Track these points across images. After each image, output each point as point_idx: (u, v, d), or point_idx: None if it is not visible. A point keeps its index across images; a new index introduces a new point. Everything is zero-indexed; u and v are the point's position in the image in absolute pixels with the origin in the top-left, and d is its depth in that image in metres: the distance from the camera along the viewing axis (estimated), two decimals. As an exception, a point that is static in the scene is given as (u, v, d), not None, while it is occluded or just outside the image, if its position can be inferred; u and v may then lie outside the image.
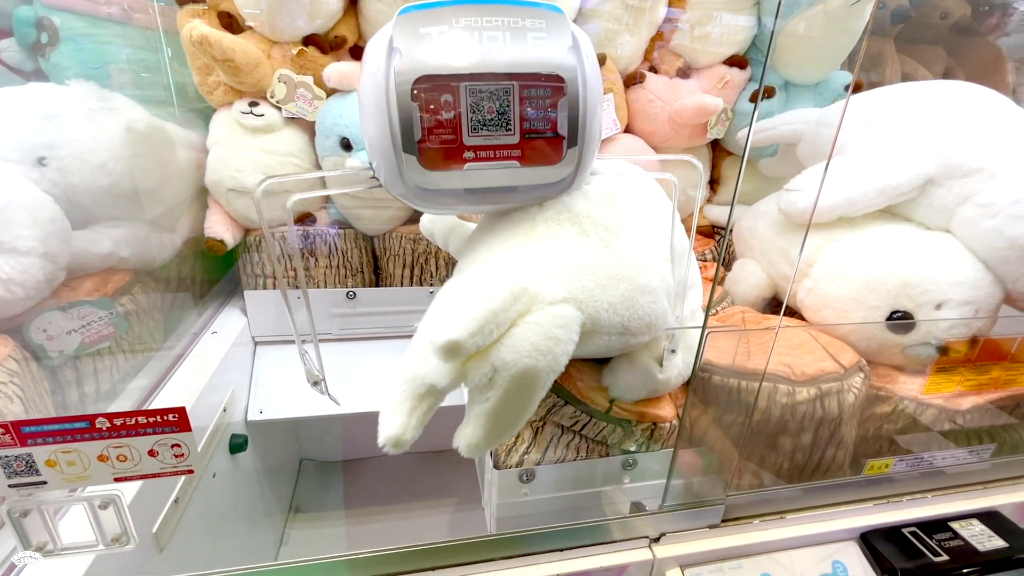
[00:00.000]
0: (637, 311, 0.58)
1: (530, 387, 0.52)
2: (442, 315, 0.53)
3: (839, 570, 0.69)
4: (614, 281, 0.57)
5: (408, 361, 0.56)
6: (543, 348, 0.51)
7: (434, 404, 0.55)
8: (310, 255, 1.21)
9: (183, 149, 1.13)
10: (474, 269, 0.59)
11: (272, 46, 1.08)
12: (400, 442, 0.53)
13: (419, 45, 0.49)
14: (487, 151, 0.52)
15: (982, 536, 0.73)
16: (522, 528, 0.64)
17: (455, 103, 0.50)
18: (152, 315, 1.00)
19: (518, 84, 0.50)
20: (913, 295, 0.81)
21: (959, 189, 0.84)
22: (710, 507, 0.68)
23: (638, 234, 0.60)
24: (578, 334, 0.55)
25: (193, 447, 0.47)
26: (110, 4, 1.06)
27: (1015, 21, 1.62)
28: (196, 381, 0.98)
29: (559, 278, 0.55)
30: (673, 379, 0.71)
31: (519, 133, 0.52)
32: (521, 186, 0.55)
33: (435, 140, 0.51)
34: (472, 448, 0.54)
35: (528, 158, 0.53)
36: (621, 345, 0.62)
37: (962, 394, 0.79)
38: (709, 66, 1.31)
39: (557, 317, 0.53)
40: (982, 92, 0.92)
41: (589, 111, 0.53)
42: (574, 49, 0.51)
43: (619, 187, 0.64)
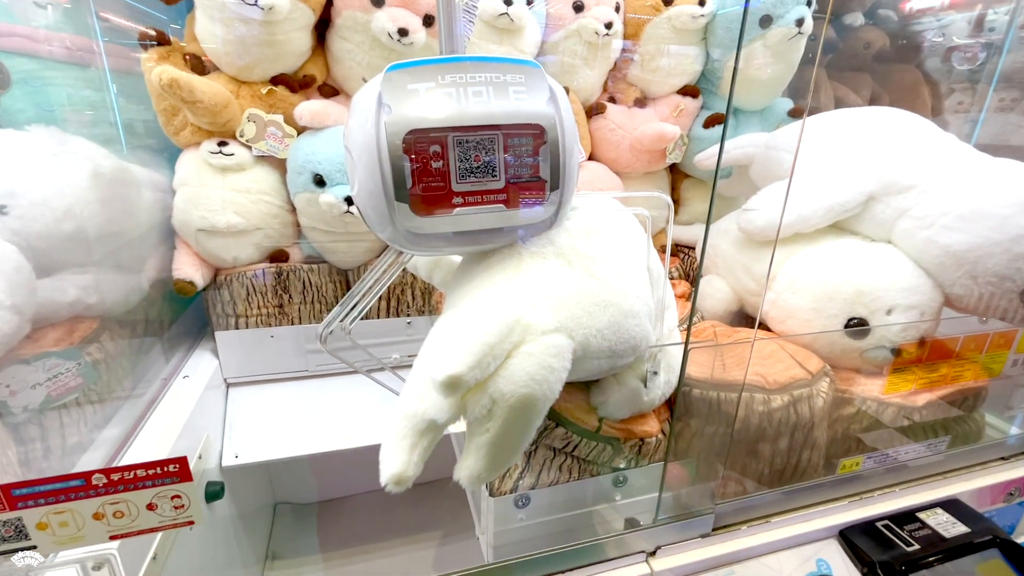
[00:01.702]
0: (623, 334, 0.61)
1: (528, 415, 0.54)
2: (440, 351, 0.54)
3: (823, 567, 0.73)
4: (600, 308, 0.60)
5: (406, 398, 0.57)
6: (539, 377, 0.53)
7: (434, 440, 0.56)
8: (284, 292, 1.20)
9: (147, 190, 1.11)
10: (467, 304, 0.61)
11: (240, 86, 1.09)
12: (402, 480, 0.54)
13: (408, 100, 0.51)
14: (475, 196, 0.55)
15: (947, 523, 0.79)
16: (519, 554, 0.65)
17: (443, 153, 0.52)
18: (121, 362, 0.96)
19: (502, 134, 0.53)
20: (866, 302, 0.88)
21: (896, 204, 0.92)
22: (701, 517, 0.70)
23: (618, 262, 0.64)
24: (570, 361, 0.57)
25: (194, 497, 0.46)
26: (52, 43, 1.04)
27: (927, 49, 1.80)
28: (170, 428, 0.95)
29: (549, 308, 0.57)
30: (657, 397, 0.74)
31: (504, 179, 0.55)
32: (507, 227, 0.58)
33: (425, 188, 0.53)
34: (474, 480, 0.55)
35: (513, 201, 0.56)
36: (608, 367, 0.64)
37: (917, 392, 0.86)
38: (664, 96, 1.39)
39: (551, 347, 0.55)
40: (911, 117, 1.02)
41: (567, 155, 0.57)
42: (552, 100, 0.55)
43: (597, 219, 0.67)
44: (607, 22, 1.20)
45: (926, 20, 1.84)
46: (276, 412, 1.25)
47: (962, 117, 1.75)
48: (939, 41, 1.79)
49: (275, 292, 1.19)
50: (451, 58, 0.55)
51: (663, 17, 1.25)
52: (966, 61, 1.76)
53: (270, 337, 1.23)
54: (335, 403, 1.26)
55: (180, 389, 1.08)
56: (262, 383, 1.27)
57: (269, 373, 1.27)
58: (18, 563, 0.44)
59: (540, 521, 0.76)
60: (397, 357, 1.30)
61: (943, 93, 1.80)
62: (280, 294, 1.19)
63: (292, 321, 1.22)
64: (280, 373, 1.27)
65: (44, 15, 1.04)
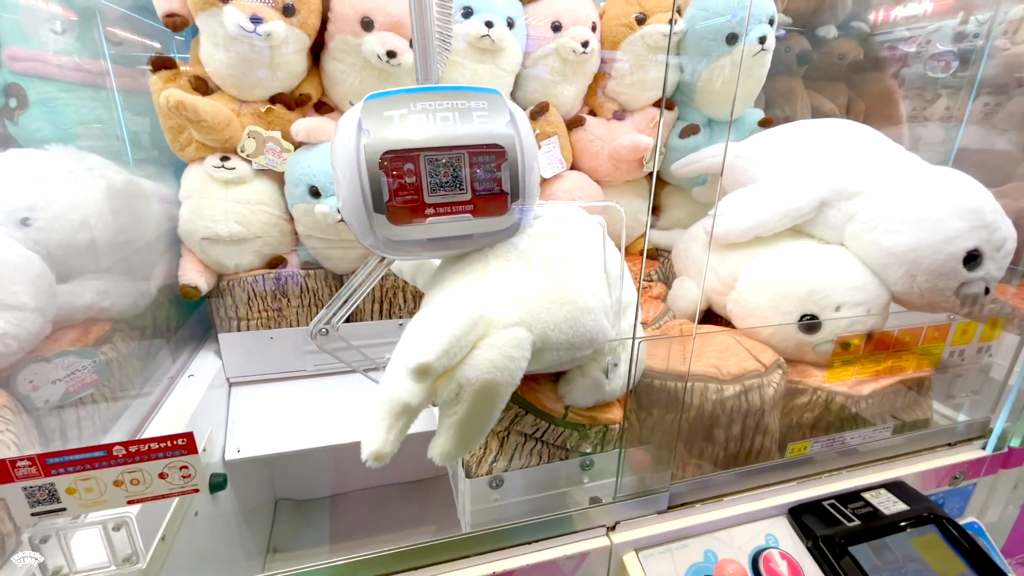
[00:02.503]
0: (579, 328, 0.69)
1: (491, 399, 0.62)
2: (413, 342, 0.62)
3: (771, 541, 0.80)
4: (558, 304, 0.67)
5: (385, 384, 0.64)
6: (500, 365, 0.61)
7: (409, 421, 0.64)
8: (282, 296, 1.28)
9: (155, 202, 1.19)
10: (438, 301, 0.69)
11: (241, 105, 1.17)
12: (380, 456, 0.61)
13: (384, 125, 0.60)
14: (444, 207, 0.63)
15: (888, 502, 0.86)
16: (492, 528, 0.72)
17: (416, 170, 0.61)
18: (131, 362, 1.04)
19: (467, 153, 0.62)
20: (817, 300, 0.95)
21: (846, 209, 0.99)
22: (656, 495, 0.77)
23: (576, 264, 0.72)
24: (530, 352, 0.65)
25: (199, 467, 0.54)
26: (65, 66, 1.13)
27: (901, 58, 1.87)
28: (176, 423, 1.02)
29: (511, 305, 0.65)
30: (619, 387, 0.81)
31: (471, 192, 0.63)
32: (475, 234, 0.66)
33: (400, 200, 0.61)
34: (445, 456, 0.63)
35: (479, 211, 0.64)
36: (569, 358, 0.72)
37: (862, 381, 0.93)
38: (641, 108, 1.47)
39: (511, 339, 0.63)
40: (861, 128, 1.10)
41: (527, 170, 0.65)
42: (511, 123, 0.64)
43: (558, 226, 0.75)
44: (583, 41, 1.28)
45: (899, 31, 1.92)
46: (276, 410, 1.32)
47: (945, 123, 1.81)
48: (912, 50, 1.87)
49: (274, 296, 1.27)
50: (422, 88, 0.64)
51: (637, 35, 1.34)
52: (940, 69, 1.83)
53: (270, 339, 1.30)
54: (332, 401, 1.34)
55: (186, 387, 1.15)
56: (262, 382, 1.35)
57: (269, 373, 1.35)
58: (51, 524, 0.52)
59: (513, 501, 0.83)
60: (390, 358, 1.39)
61: (929, 99, 1.87)
62: (279, 298, 1.27)
63: (291, 323, 1.30)
64: (280, 373, 1.35)
65: (59, 40, 1.14)
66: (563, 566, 0.73)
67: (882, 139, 1.06)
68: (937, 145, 1.80)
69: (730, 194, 1.14)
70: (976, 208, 0.88)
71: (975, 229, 0.87)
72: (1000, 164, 1.69)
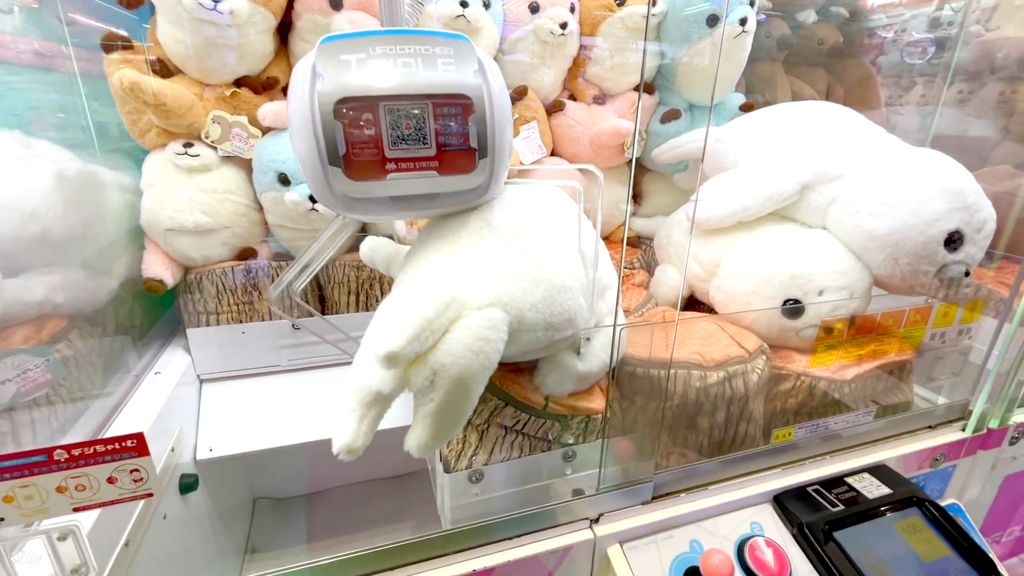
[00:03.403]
0: (556, 308, 0.66)
1: (467, 385, 0.59)
2: (382, 328, 0.59)
3: (756, 529, 0.79)
4: (534, 284, 0.64)
5: (354, 373, 0.61)
6: (475, 348, 0.58)
7: (381, 411, 0.60)
8: (253, 289, 1.23)
9: (114, 191, 1.13)
10: (407, 284, 0.65)
11: (204, 88, 1.12)
12: (352, 449, 0.58)
13: (340, 70, 0.55)
14: (407, 163, 0.58)
15: (871, 486, 0.85)
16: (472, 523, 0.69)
17: (375, 121, 0.56)
18: (91, 359, 0.99)
19: (431, 103, 0.57)
20: (800, 284, 0.94)
21: (828, 192, 0.98)
22: (640, 485, 0.76)
23: (552, 241, 0.68)
24: (507, 333, 0.62)
25: (152, 470, 0.50)
26: (19, 48, 1.06)
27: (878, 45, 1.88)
28: (141, 423, 0.98)
29: (484, 285, 0.62)
30: (595, 370, 0.78)
31: (435, 146, 0.58)
32: (441, 193, 0.62)
33: (359, 154, 0.56)
34: (422, 448, 0.59)
35: (445, 168, 0.60)
36: (548, 339, 0.69)
37: (845, 366, 0.92)
38: (622, 93, 1.44)
39: (486, 320, 0.60)
40: (842, 111, 1.09)
41: (497, 126, 0.60)
42: (480, 73, 0.59)
43: (533, 203, 0.72)
44: (562, 23, 1.25)
45: (876, 17, 1.92)
46: (249, 406, 1.28)
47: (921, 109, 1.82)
48: (889, 37, 1.87)
49: (245, 289, 1.22)
50: (383, 31, 0.59)
51: (616, 17, 1.31)
52: (917, 56, 1.83)
53: (241, 333, 1.25)
54: (307, 397, 1.30)
55: (152, 385, 1.10)
56: (235, 378, 1.30)
57: (242, 368, 1.30)
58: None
59: (494, 496, 0.81)
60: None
61: (905, 86, 1.87)
62: (250, 291, 1.22)
63: (263, 317, 1.25)
64: (253, 368, 1.30)
65: (11, 20, 1.06)
66: (546, 561, 0.70)
67: (863, 121, 1.05)
68: (913, 132, 1.82)
69: (712, 179, 1.12)
70: (957, 190, 0.87)
71: (956, 211, 0.87)
72: (975, 149, 1.70)
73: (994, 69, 1.71)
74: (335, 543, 1.53)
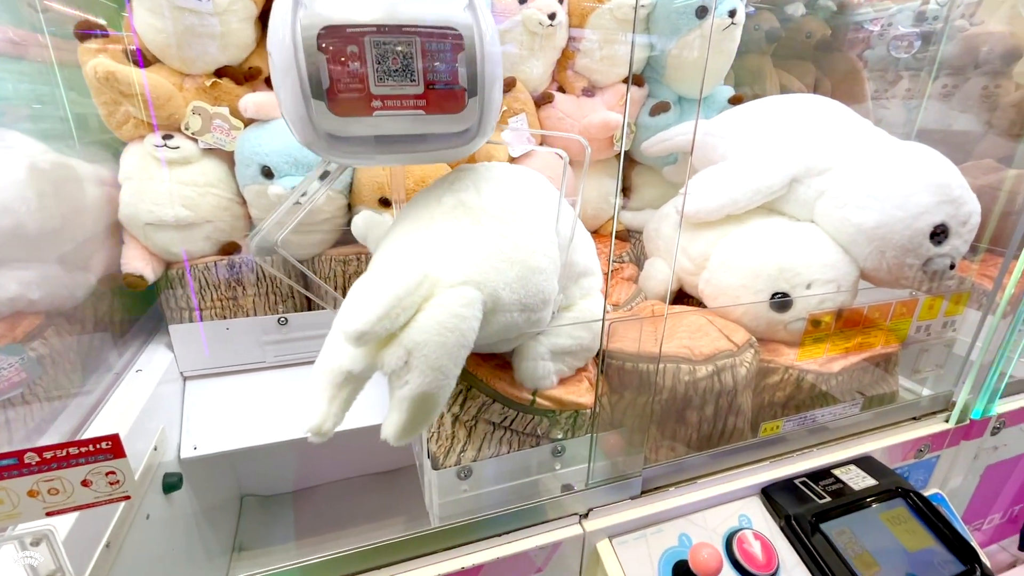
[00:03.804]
0: (531, 288, 0.65)
1: (443, 364, 0.56)
2: (352, 306, 0.57)
3: (744, 522, 0.79)
4: (508, 263, 0.63)
5: (326, 353, 0.60)
6: (450, 325, 0.56)
7: (353, 392, 0.59)
8: (237, 284, 1.20)
9: (91, 185, 1.10)
10: (378, 261, 0.64)
11: (183, 78, 1.09)
12: (321, 431, 0.57)
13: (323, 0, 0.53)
14: (393, 100, 0.56)
15: (857, 478, 0.86)
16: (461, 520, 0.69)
17: (361, 54, 0.54)
18: (69, 357, 0.96)
19: (419, 38, 0.55)
20: (788, 278, 0.94)
21: (816, 185, 0.98)
22: (629, 480, 0.75)
23: (527, 223, 0.67)
24: (481, 312, 0.60)
25: (129, 473, 0.48)
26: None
27: (865, 39, 1.89)
28: (122, 421, 0.96)
29: (458, 264, 0.61)
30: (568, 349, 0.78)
31: (423, 83, 0.56)
32: (429, 134, 0.59)
33: (343, 88, 0.54)
34: (399, 434, 0.57)
35: (433, 106, 0.57)
36: (524, 321, 0.67)
37: (832, 359, 0.92)
38: (611, 85, 1.43)
39: (459, 297, 0.58)
40: (830, 104, 1.09)
41: (488, 66, 0.58)
42: (470, 8, 0.57)
43: (511, 184, 0.71)
44: (550, 13, 1.23)
45: (863, 11, 1.93)
46: (235, 404, 1.26)
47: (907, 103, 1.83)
48: (876, 30, 1.88)
49: (228, 284, 1.20)
50: None
51: (605, 8, 1.29)
52: (903, 49, 1.84)
53: (225, 329, 1.23)
54: (294, 393, 1.28)
55: (133, 383, 1.08)
56: (219, 375, 1.28)
57: (226, 365, 1.28)
58: (-45, 542, 0.46)
59: (483, 492, 0.80)
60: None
61: (891, 80, 1.88)
62: (234, 286, 1.20)
63: (247, 313, 1.23)
64: (237, 365, 1.28)
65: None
66: (535, 557, 0.70)
67: (851, 114, 1.05)
68: (898, 126, 1.83)
69: (700, 172, 1.11)
70: (943, 183, 0.88)
71: (942, 204, 0.87)
72: (959, 143, 1.72)
73: (978, 64, 1.72)
74: (324, 540, 1.52)
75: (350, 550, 0.66)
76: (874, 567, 0.74)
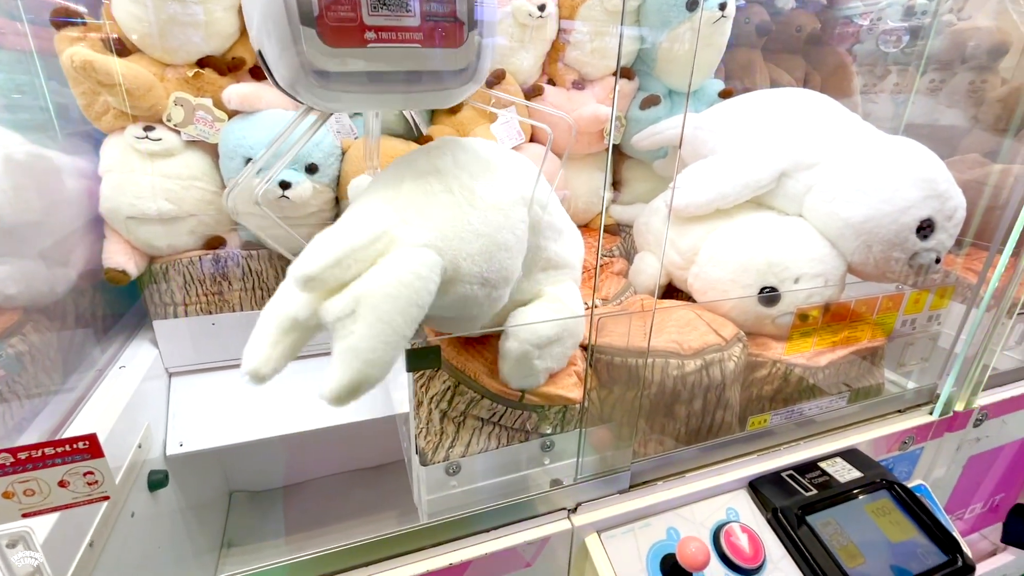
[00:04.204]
0: (494, 264, 0.64)
1: (394, 319, 0.54)
2: (305, 251, 0.55)
3: (732, 515, 0.80)
4: (474, 235, 0.62)
5: (276, 299, 0.59)
6: (404, 280, 0.55)
7: (299, 341, 0.58)
8: (223, 279, 1.19)
9: (71, 177, 1.07)
10: (344, 216, 0.63)
11: (165, 69, 1.06)
12: (258, 375, 0.55)
13: None
14: (388, 32, 0.53)
15: (843, 470, 0.87)
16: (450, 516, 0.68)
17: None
18: (48, 354, 0.94)
19: None
20: (776, 272, 0.94)
21: (805, 180, 0.98)
22: (618, 474, 0.75)
23: (500, 198, 0.66)
24: (439, 277, 0.59)
25: (108, 473, 0.47)
26: None
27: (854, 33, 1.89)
28: (105, 419, 0.94)
29: (421, 226, 0.59)
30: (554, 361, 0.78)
31: (419, 16, 0.53)
32: (424, 72, 0.56)
33: (335, 17, 0.51)
34: (336, 391, 0.53)
35: (429, 39, 0.54)
36: (484, 296, 0.66)
37: (819, 353, 0.93)
38: (601, 78, 1.42)
39: (417, 255, 0.57)
40: (819, 98, 1.09)
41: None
42: None
43: (488, 156, 0.70)
44: (540, 4, 1.22)
45: (853, 5, 1.93)
46: (221, 400, 1.24)
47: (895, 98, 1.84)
48: (865, 25, 1.88)
49: (214, 279, 1.18)
50: None
51: (595, 0, 1.28)
52: (891, 44, 1.85)
53: (211, 325, 1.22)
54: (282, 389, 1.26)
55: (116, 380, 1.06)
56: (206, 371, 1.26)
57: (213, 361, 1.26)
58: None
59: (472, 487, 0.80)
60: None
61: (880, 75, 1.89)
62: (219, 281, 1.18)
63: (233, 308, 1.21)
64: (224, 361, 1.27)
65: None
66: (523, 552, 0.70)
67: (840, 109, 1.05)
68: (886, 120, 1.84)
69: (690, 166, 1.11)
70: (929, 178, 0.88)
71: (929, 199, 0.87)
72: (946, 137, 1.73)
73: (965, 59, 1.73)
74: (313, 535, 1.51)
75: (339, 547, 0.66)
76: (859, 558, 0.75)
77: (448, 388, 0.78)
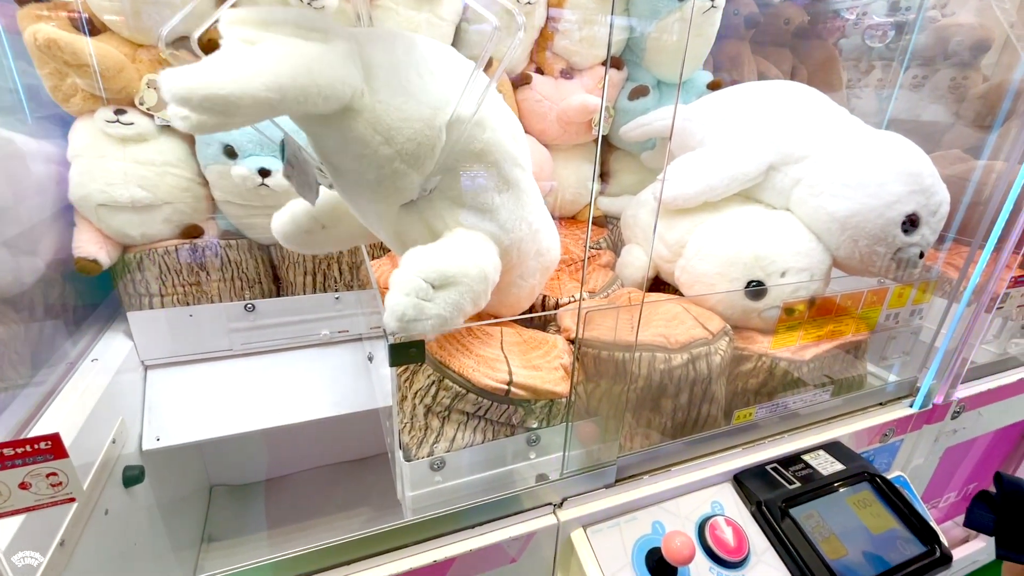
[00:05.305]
0: (409, 132, 0.63)
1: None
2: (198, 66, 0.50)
3: (717, 508, 0.80)
4: (393, 86, 0.62)
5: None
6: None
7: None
8: (200, 269, 1.15)
9: (39, 162, 1.03)
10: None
11: (137, 49, 1.02)
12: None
13: None
14: None
15: (825, 463, 0.88)
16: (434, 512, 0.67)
17: None
18: (15, 347, 0.91)
19: None
20: (763, 266, 0.94)
21: (793, 173, 0.98)
22: (604, 469, 0.75)
23: (443, 83, 0.66)
24: (356, 79, 0.59)
25: (72, 474, 0.45)
26: None
27: (841, 27, 1.89)
28: (75, 414, 0.91)
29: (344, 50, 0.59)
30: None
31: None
32: None
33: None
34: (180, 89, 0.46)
35: None
36: (385, 157, 0.63)
37: (804, 347, 0.93)
38: (590, 67, 1.40)
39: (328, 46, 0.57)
40: (808, 91, 1.08)
41: None
42: None
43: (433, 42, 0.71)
44: (528, -10, 1.19)
45: (839, -2, 1.93)
46: (199, 393, 1.21)
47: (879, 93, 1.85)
48: (851, 19, 1.89)
49: (191, 269, 1.14)
50: None
51: (585, -13, 1.26)
52: (877, 39, 1.85)
53: (188, 316, 1.18)
54: (261, 381, 1.24)
55: (88, 373, 1.03)
56: (183, 364, 1.23)
57: (190, 353, 1.23)
58: None
59: (457, 483, 0.79)
60: (327, 333, 1.29)
61: (864, 70, 1.90)
62: (196, 271, 1.15)
63: (211, 299, 1.18)
64: (202, 353, 1.23)
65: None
66: (508, 548, 0.69)
67: (828, 102, 1.05)
68: (871, 115, 1.85)
69: (678, 158, 1.10)
70: (915, 172, 0.89)
71: (914, 193, 0.88)
72: (929, 133, 1.75)
73: (947, 55, 1.75)
74: (295, 529, 1.49)
75: (321, 545, 0.64)
76: (841, 550, 0.75)
77: (432, 383, 0.77)
